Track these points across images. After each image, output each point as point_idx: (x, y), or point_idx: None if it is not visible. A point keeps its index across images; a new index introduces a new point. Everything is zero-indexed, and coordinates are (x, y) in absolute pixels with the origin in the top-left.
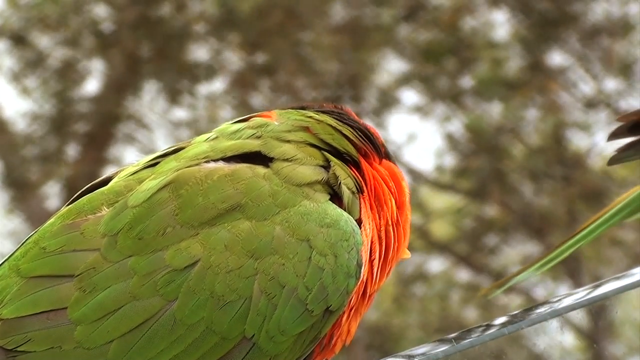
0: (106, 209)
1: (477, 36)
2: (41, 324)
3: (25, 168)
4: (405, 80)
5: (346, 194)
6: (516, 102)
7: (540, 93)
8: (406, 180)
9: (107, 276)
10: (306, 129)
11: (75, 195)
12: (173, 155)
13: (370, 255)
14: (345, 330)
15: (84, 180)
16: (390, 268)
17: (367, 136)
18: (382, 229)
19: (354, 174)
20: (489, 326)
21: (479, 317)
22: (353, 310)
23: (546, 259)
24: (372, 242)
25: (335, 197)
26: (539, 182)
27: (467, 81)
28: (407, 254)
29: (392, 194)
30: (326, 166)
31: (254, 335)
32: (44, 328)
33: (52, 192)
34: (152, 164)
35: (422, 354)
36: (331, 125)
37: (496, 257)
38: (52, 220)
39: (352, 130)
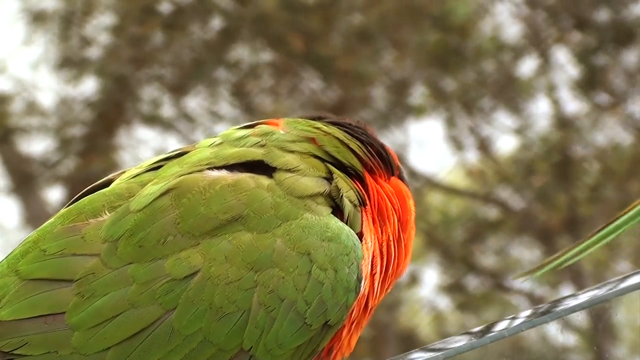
0: (107, 213)
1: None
2: (38, 328)
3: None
4: (413, 82)
5: (348, 207)
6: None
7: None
8: (413, 200)
9: (106, 282)
10: (312, 140)
11: (77, 196)
12: (176, 160)
13: (372, 269)
14: (345, 343)
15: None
16: (390, 284)
17: (379, 153)
18: (383, 243)
19: (357, 187)
20: (488, 328)
21: (478, 319)
22: (354, 324)
23: (577, 249)
24: (373, 256)
25: (338, 210)
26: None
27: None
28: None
29: (395, 210)
30: (329, 178)
31: (251, 347)
32: (41, 332)
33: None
34: (155, 167)
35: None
36: (338, 139)
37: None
38: (52, 220)
39: (360, 145)
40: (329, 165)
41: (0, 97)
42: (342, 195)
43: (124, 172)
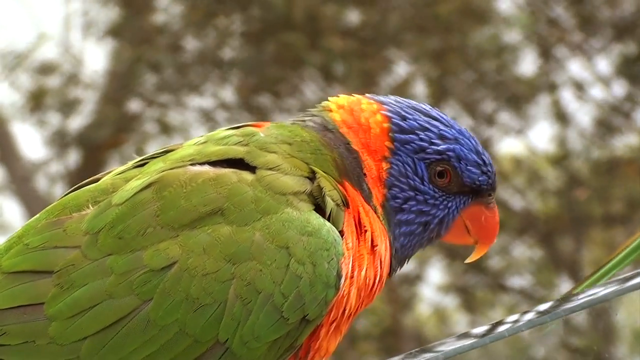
0: (91, 207)
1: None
2: (17, 318)
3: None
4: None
5: (330, 204)
6: None
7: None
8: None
9: (86, 273)
10: (290, 144)
11: (65, 193)
12: (161, 157)
13: (352, 270)
14: (324, 346)
15: None
16: (373, 291)
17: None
18: (362, 251)
19: (340, 188)
20: (489, 328)
21: (480, 319)
22: (333, 326)
23: (607, 266)
24: (354, 258)
25: (320, 210)
26: None
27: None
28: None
29: (370, 225)
30: (312, 178)
31: (227, 339)
32: (20, 322)
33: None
34: (141, 164)
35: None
36: (316, 147)
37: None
38: (37, 216)
39: (339, 157)
40: (311, 166)
41: (45, 67)
42: (324, 194)
43: (110, 172)
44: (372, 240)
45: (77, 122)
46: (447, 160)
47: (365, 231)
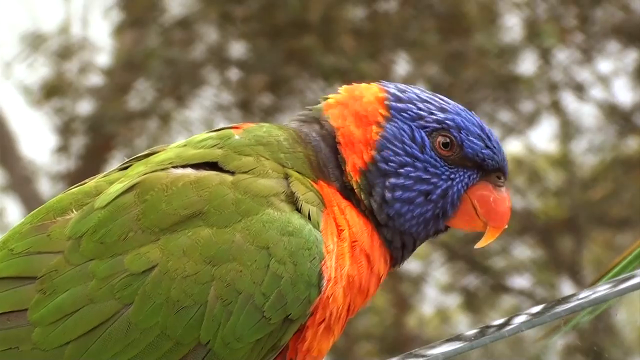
0: (74, 211)
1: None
2: (1, 325)
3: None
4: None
5: (306, 207)
6: None
7: None
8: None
9: (68, 279)
10: (264, 145)
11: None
12: (144, 160)
13: (335, 271)
14: (314, 347)
15: None
16: (356, 297)
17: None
18: (342, 251)
19: (316, 188)
20: (488, 328)
21: (476, 320)
22: (322, 327)
23: (612, 272)
24: (335, 259)
25: (298, 211)
26: None
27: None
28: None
29: (346, 223)
30: (287, 179)
31: (209, 341)
32: (3, 329)
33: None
34: (125, 167)
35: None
36: (289, 146)
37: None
38: (23, 220)
39: (316, 151)
40: (286, 167)
41: (61, 53)
42: (297, 198)
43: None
44: (351, 237)
45: (88, 108)
46: (447, 130)
47: (342, 230)
